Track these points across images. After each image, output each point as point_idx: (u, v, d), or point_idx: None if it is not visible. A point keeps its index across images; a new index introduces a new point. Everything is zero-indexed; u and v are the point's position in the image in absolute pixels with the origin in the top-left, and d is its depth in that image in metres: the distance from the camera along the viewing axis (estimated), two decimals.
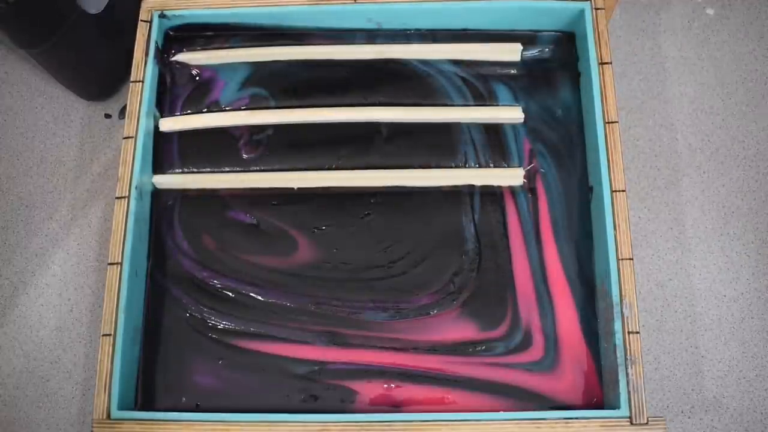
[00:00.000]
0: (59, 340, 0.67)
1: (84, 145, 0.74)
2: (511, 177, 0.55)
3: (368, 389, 0.51)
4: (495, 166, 0.56)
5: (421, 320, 0.52)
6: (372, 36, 0.60)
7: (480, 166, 0.56)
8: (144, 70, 0.57)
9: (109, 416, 0.48)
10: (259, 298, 0.53)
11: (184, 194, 0.57)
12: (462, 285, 0.53)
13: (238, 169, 0.57)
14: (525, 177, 0.55)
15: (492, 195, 0.55)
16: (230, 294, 0.54)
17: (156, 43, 0.58)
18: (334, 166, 0.57)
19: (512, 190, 0.55)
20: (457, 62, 0.59)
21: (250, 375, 0.52)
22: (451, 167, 0.56)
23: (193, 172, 0.57)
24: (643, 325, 0.65)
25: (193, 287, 0.54)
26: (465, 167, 0.56)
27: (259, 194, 0.56)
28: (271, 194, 0.56)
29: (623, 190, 0.51)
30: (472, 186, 0.55)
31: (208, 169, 0.57)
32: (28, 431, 0.65)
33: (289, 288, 0.54)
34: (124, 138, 0.55)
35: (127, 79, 0.57)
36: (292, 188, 0.56)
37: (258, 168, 0.57)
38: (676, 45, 0.75)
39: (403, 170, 0.56)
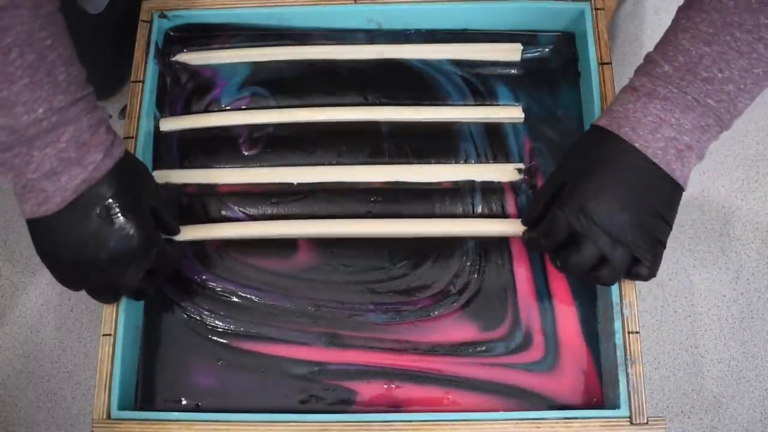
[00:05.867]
0: (59, 340, 0.67)
1: None
2: (511, 172, 0.55)
3: (368, 389, 0.51)
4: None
5: (421, 321, 0.52)
6: (372, 36, 0.60)
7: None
8: (144, 70, 0.57)
9: (109, 416, 0.48)
10: (259, 300, 0.53)
11: (183, 195, 0.57)
12: (462, 286, 0.53)
13: (238, 167, 0.57)
14: (525, 174, 0.55)
15: (493, 195, 0.55)
16: (230, 296, 0.54)
17: (156, 43, 0.58)
18: (334, 164, 0.57)
19: (513, 190, 0.55)
20: (457, 62, 0.59)
21: (250, 375, 0.51)
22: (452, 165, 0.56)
23: (193, 169, 0.57)
24: (643, 325, 0.65)
25: (192, 288, 0.54)
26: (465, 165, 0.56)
27: (260, 192, 0.56)
28: (271, 194, 0.56)
29: None
30: (473, 186, 0.55)
31: (209, 168, 0.57)
32: (28, 431, 0.65)
33: (289, 290, 0.53)
34: (124, 138, 0.54)
35: (127, 79, 0.57)
36: (292, 184, 0.56)
37: (258, 165, 0.57)
38: None
39: (403, 165, 0.56)
